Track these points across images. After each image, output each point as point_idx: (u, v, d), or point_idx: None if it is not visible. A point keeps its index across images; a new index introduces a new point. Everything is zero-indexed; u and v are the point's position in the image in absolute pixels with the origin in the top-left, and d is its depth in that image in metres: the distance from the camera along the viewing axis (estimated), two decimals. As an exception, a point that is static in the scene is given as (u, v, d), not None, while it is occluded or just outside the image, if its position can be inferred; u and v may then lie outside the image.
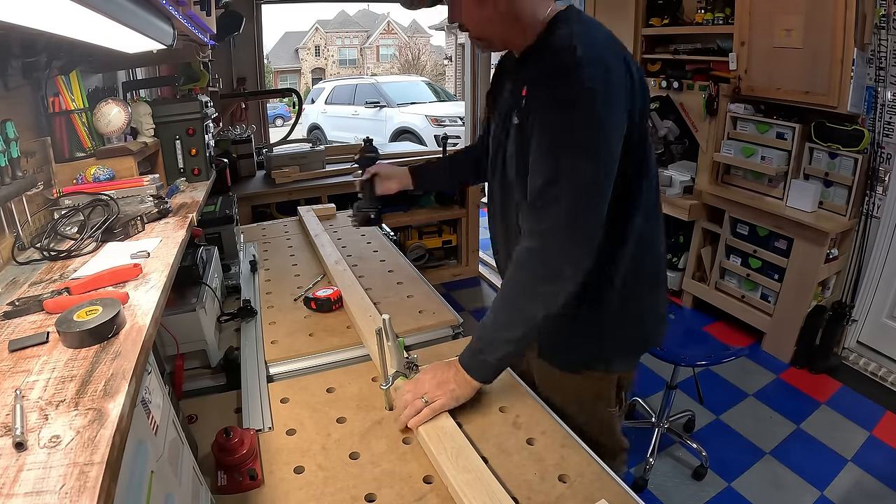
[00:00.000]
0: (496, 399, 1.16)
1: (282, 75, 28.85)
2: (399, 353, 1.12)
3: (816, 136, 2.63)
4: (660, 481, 2.00)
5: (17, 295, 0.84)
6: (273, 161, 3.38)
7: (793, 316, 2.72)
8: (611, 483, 0.93)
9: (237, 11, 3.41)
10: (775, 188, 2.84)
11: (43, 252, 1.00)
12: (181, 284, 1.40)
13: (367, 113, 9.06)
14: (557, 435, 1.04)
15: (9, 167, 1.01)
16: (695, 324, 3.00)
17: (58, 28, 0.79)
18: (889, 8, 2.36)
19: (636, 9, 3.54)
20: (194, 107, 1.72)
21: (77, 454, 0.49)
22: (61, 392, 0.58)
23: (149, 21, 0.92)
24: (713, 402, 2.43)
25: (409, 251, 3.33)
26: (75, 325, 0.67)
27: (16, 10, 0.63)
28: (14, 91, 1.13)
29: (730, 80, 2.96)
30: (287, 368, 1.32)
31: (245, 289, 1.76)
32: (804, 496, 1.93)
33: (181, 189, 1.60)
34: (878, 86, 2.44)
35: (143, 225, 1.16)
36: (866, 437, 2.23)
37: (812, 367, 2.69)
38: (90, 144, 1.37)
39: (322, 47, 30.42)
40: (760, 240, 2.88)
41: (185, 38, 1.58)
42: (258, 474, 0.95)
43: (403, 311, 1.55)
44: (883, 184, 2.50)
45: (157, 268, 0.93)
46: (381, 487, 0.93)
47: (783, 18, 2.62)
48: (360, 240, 2.17)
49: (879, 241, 2.57)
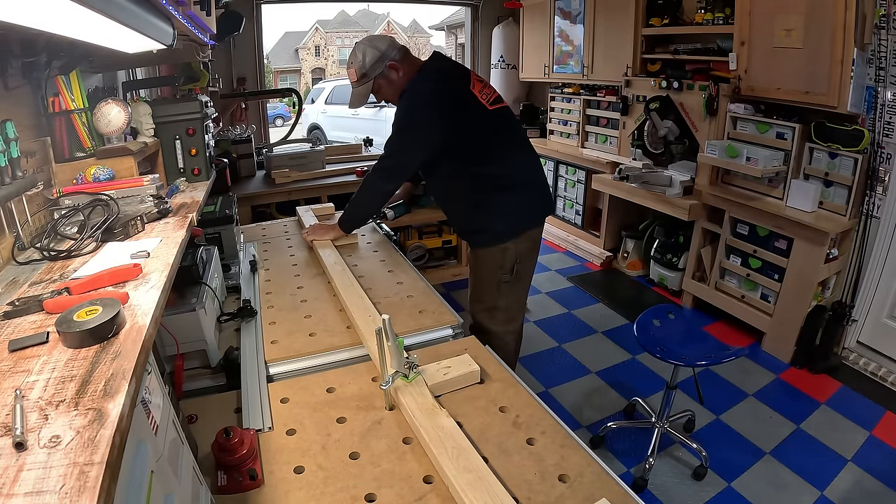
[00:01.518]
0: (496, 399, 1.16)
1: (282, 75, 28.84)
2: (399, 353, 1.12)
3: (816, 136, 2.62)
4: (660, 481, 2.00)
5: (17, 295, 0.84)
6: (273, 161, 3.38)
7: (793, 316, 2.72)
8: (611, 483, 0.93)
9: (237, 11, 3.42)
10: (775, 188, 2.84)
11: (43, 252, 1.00)
12: (181, 284, 1.40)
13: (367, 113, 9.06)
14: (557, 435, 1.04)
15: (9, 167, 1.01)
16: (695, 324, 2.99)
17: (58, 28, 0.79)
18: (889, 8, 2.36)
19: (636, 9, 3.55)
20: (194, 107, 1.72)
21: (77, 454, 0.49)
22: (61, 392, 0.58)
23: (149, 21, 0.92)
24: (713, 402, 2.43)
25: (409, 251, 3.33)
26: (75, 325, 0.67)
27: (16, 10, 0.63)
28: (14, 91, 1.13)
29: (730, 80, 2.96)
30: (287, 368, 1.32)
31: (245, 289, 1.76)
32: (804, 496, 1.93)
33: (181, 189, 1.60)
34: (878, 86, 2.44)
35: (143, 225, 1.16)
36: (866, 437, 2.23)
37: (812, 367, 2.69)
38: (90, 144, 1.37)
39: (322, 47, 30.42)
40: (760, 240, 2.88)
41: (185, 38, 1.58)
42: (258, 474, 0.95)
43: (403, 311, 1.55)
44: (883, 184, 2.50)
45: (157, 268, 0.93)
46: (381, 487, 0.93)
47: (783, 18, 2.62)
48: (360, 240, 2.17)
49: (879, 241, 2.57)
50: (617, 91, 3.88)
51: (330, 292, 1.69)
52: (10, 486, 0.46)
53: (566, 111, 4.54)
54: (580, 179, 4.34)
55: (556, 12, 4.40)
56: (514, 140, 1.91)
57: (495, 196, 1.84)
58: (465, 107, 1.78)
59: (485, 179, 1.83)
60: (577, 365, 2.80)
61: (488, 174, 1.83)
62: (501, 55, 5.18)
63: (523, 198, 1.88)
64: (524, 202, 1.88)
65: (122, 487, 0.53)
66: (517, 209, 1.87)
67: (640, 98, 3.64)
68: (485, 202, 1.84)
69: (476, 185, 1.84)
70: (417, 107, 1.77)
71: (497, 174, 1.83)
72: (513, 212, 1.86)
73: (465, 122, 1.78)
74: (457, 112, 1.77)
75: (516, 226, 1.87)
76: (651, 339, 2.03)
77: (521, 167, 1.91)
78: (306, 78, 29.16)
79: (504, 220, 1.86)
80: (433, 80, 1.80)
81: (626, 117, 3.85)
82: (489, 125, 1.82)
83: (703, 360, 1.90)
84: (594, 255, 4.17)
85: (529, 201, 1.91)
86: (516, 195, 1.86)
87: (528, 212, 1.91)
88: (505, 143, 1.87)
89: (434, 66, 1.86)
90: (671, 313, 2.19)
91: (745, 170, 2.82)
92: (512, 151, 1.89)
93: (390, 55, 1.80)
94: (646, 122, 3.54)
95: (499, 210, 1.85)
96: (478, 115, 1.80)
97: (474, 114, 1.79)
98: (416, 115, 1.77)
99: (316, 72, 29.60)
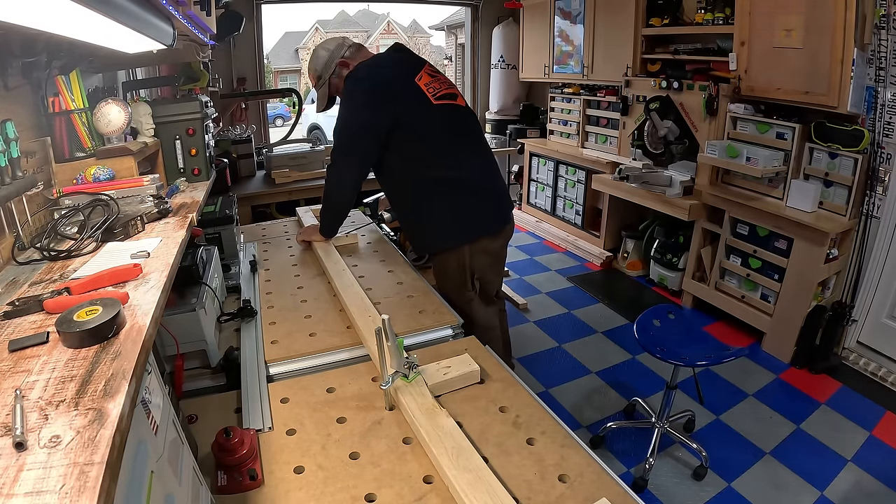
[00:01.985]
0: (496, 399, 1.16)
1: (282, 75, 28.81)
2: (399, 353, 1.12)
3: (816, 136, 2.62)
4: (660, 481, 2.00)
5: (17, 295, 0.84)
6: (273, 161, 3.38)
7: (793, 316, 2.72)
8: (611, 483, 0.93)
9: (237, 11, 3.42)
10: (775, 188, 2.84)
11: (43, 252, 1.00)
12: (181, 284, 1.40)
13: (367, 113, 9.04)
14: (557, 435, 1.04)
15: (9, 167, 1.01)
16: (695, 324, 2.99)
17: (58, 28, 0.79)
18: (889, 8, 2.36)
19: (636, 9, 3.55)
20: (194, 107, 1.72)
21: (77, 454, 0.49)
22: (61, 392, 0.58)
23: (149, 21, 0.92)
24: (713, 402, 2.43)
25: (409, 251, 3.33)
26: (75, 325, 0.67)
27: (16, 10, 0.63)
28: (14, 91, 1.13)
29: (730, 80, 2.96)
30: (287, 368, 1.32)
31: (245, 289, 1.76)
32: (804, 496, 1.93)
33: (181, 189, 1.60)
34: (878, 86, 2.44)
35: (143, 225, 1.16)
36: (866, 437, 2.23)
37: (812, 367, 2.69)
38: (90, 144, 1.37)
39: (322, 47, 30.35)
40: (760, 240, 2.88)
41: (185, 38, 1.58)
42: (258, 474, 0.95)
43: (403, 311, 1.55)
44: (883, 184, 2.50)
45: (157, 268, 0.93)
46: (381, 487, 0.93)
47: (783, 18, 2.62)
48: (360, 240, 2.17)
49: (879, 241, 2.57)
50: (617, 91, 3.88)
51: (330, 292, 1.69)
52: (10, 486, 0.46)
53: (566, 111, 4.54)
54: (580, 179, 4.34)
55: (556, 12, 4.40)
56: (468, 140, 1.85)
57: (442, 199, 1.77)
58: (400, 95, 1.73)
59: (431, 181, 1.77)
60: (577, 365, 2.80)
61: (434, 176, 1.76)
62: (501, 55, 5.18)
63: (473, 202, 1.80)
64: (473, 207, 1.80)
65: (122, 487, 0.54)
66: (466, 214, 1.79)
67: (640, 98, 3.65)
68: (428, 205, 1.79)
69: (421, 186, 1.78)
70: (346, 94, 1.78)
71: (444, 176, 1.76)
72: (459, 217, 1.79)
73: (402, 112, 1.72)
74: (389, 99, 1.71)
75: (465, 232, 1.80)
76: (651, 339, 2.03)
77: (474, 170, 1.82)
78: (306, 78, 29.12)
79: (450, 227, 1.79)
80: (366, 66, 1.80)
81: (626, 117, 3.85)
82: (434, 120, 1.76)
83: (703, 360, 1.90)
84: (594, 255, 4.17)
85: (479, 207, 1.82)
86: (465, 198, 1.78)
87: (480, 218, 1.82)
88: (455, 144, 1.80)
89: (375, 57, 1.87)
90: (671, 313, 2.19)
91: (745, 170, 2.82)
92: (465, 153, 1.81)
93: (339, 54, 1.85)
94: (646, 122, 3.54)
95: (446, 214, 1.78)
96: (418, 107, 1.74)
97: (413, 105, 1.74)
98: (346, 103, 1.78)
99: (316, 72, 29.54)
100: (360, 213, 2.54)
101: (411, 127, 1.75)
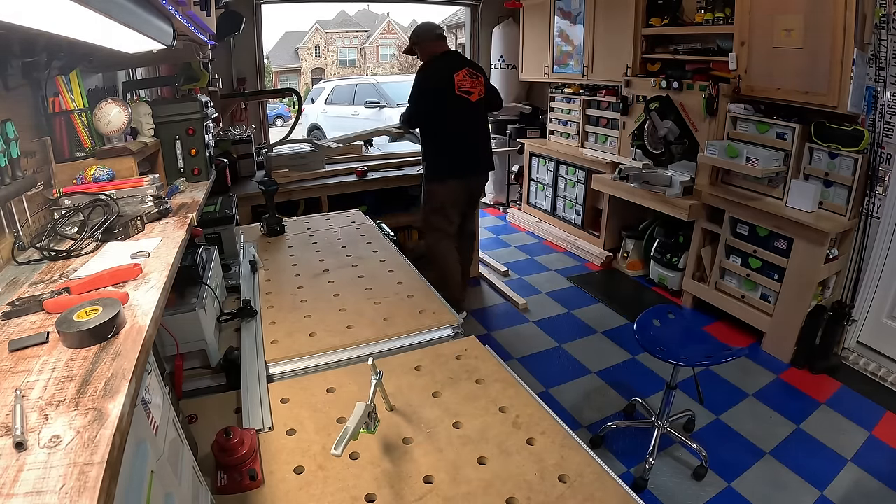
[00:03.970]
0: (496, 399, 1.16)
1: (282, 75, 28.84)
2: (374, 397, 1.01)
3: (816, 136, 2.62)
4: (660, 481, 2.00)
5: (17, 295, 0.84)
6: (273, 161, 3.38)
7: (793, 316, 2.72)
8: (611, 483, 0.93)
9: (237, 11, 3.42)
10: (775, 188, 2.84)
11: (43, 252, 1.00)
12: (181, 284, 1.40)
13: (367, 113, 9.04)
14: (557, 435, 1.04)
15: (9, 167, 1.01)
16: (695, 324, 2.99)
17: (58, 28, 0.79)
18: (889, 8, 2.36)
19: (636, 9, 3.55)
20: (194, 107, 1.72)
21: (77, 454, 0.49)
22: (61, 392, 0.58)
23: (149, 21, 0.92)
24: (713, 402, 2.43)
25: (409, 251, 3.33)
26: (75, 325, 0.67)
27: (16, 10, 0.63)
28: (14, 91, 1.13)
29: (730, 80, 2.96)
30: (287, 368, 1.32)
31: (245, 289, 1.76)
32: (804, 496, 1.93)
33: (181, 189, 1.59)
34: (878, 86, 2.44)
35: (143, 225, 1.16)
36: (866, 437, 2.23)
37: (812, 367, 2.69)
38: (90, 144, 1.37)
39: (322, 47, 30.41)
40: (760, 240, 2.88)
41: (185, 38, 1.58)
42: (258, 474, 0.95)
43: (403, 311, 1.55)
44: (883, 184, 2.50)
45: (157, 268, 0.93)
46: (381, 487, 0.93)
47: (783, 18, 2.62)
48: (361, 240, 2.17)
49: (879, 241, 2.57)
50: (617, 91, 3.88)
51: (330, 292, 1.69)
52: (10, 486, 0.46)
53: (566, 111, 4.54)
54: (580, 179, 4.34)
55: (556, 12, 4.40)
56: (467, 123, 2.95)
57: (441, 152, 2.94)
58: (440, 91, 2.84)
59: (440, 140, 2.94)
60: (577, 365, 2.80)
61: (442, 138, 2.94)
62: (501, 55, 5.18)
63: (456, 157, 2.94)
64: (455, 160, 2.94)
65: (122, 487, 0.54)
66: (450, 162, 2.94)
67: (640, 98, 3.65)
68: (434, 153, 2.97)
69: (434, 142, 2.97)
70: (417, 80, 2.92)
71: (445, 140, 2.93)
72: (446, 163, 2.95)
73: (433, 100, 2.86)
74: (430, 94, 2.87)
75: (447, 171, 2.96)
76: (651, 339, 2.03)
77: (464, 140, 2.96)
78: (306, 78, 29.14)
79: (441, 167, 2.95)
80: (431, 62, 2.94)
81: (626, 117, 3.85)
82: (451, 105, 2.85)
83: (703, 360, 1.90)
84: (594, 255, 4.17)
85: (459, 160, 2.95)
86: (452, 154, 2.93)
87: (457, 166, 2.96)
88: (458, 123, 2.91)
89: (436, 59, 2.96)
90: (671, 313, 2.19)
91: (745, 170, 2.82)
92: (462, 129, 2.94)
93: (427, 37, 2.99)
94: (646, 122, 3.54)
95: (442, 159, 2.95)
96: (446, 95, 2.83)
97: (443, 94, 2.83)
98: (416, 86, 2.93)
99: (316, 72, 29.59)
100: (360, 213, 2.54)
101: (438, 109, 2.87)
